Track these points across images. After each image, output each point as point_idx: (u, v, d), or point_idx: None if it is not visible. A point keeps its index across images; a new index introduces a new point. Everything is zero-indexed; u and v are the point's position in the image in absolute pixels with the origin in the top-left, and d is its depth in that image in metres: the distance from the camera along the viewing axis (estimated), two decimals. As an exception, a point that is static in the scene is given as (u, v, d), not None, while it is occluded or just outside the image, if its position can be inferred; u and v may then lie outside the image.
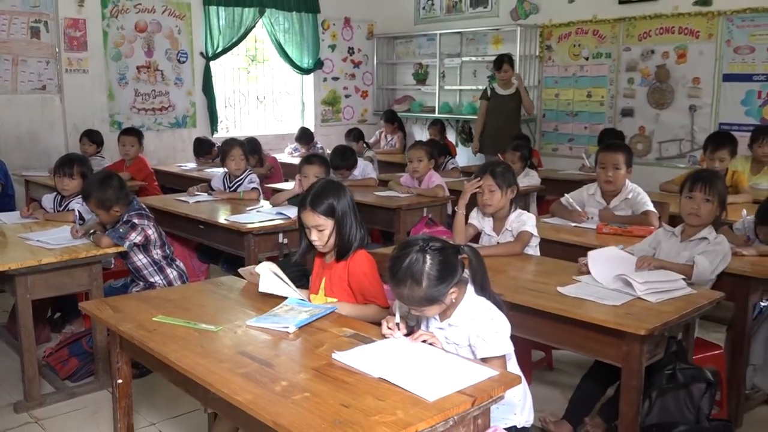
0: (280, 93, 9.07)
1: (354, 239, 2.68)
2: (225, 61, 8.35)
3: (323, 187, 2.69)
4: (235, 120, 8.70)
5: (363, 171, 5.75)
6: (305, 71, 8.89)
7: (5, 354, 4.09)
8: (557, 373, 3.81)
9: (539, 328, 2.73)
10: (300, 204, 2.70)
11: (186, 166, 7.06)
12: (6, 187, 5.69)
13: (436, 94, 8.76)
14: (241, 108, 8.77)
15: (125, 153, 6.12)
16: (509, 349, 2.21)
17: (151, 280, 3.79)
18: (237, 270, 3.03)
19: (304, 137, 7.95)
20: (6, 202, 5.53)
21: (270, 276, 2.66)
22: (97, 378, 3.65)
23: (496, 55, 7.18)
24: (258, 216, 4.28)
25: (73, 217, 3.88)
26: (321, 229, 2.65)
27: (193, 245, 4.96)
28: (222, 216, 4.37)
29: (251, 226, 4.07)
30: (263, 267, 2.69)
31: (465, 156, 8.36)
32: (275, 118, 9.04)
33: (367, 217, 4.93)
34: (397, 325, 2.20)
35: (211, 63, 8.03)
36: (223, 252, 4.67)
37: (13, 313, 3.91)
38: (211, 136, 7.86)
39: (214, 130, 8.11)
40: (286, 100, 9.13)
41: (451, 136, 8.71)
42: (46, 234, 3.77)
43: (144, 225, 3.69)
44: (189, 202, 4.87)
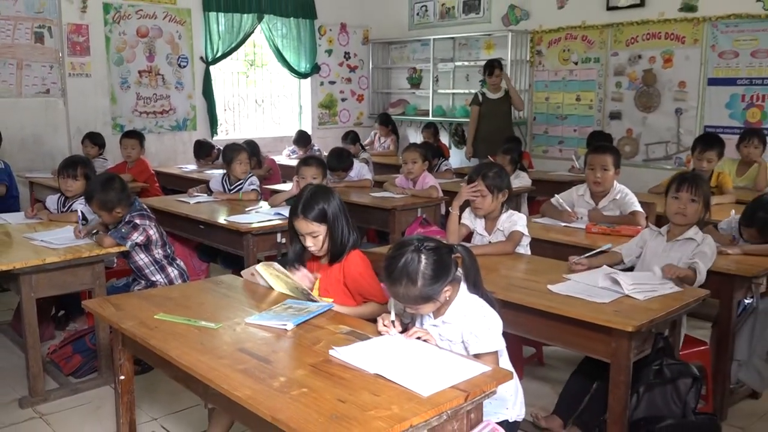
0: (278, 96, 9.06)
1: (347, 240, 2.68)
2: (224, 66, 8.34)
3: (312, 194, 2.67)
4: (235, 123, 8.69)
5: (359, 172, 5.75)
6: (302, 75, 8.89)
7: (10, 351, 4.08)
8: (548, 369, 3.81)
9: (530, 325, 2.73)
10: (291, 213, 2.69)
11: (186, 167, 7.05)
12: (11, 188, 5.67)
13: (429, 97, 8.77)
14: (240, 111, 8.76)
15: (127, 155, 6.11)
16: (501, 346, 2.21)
17: (153, 278, 3.79)
18: (235, 266, 3.03)
19: (301, 140, 7.95)
20: (11, 203, 5.52)
21: (271, 274, 2.65)
22: (100, 374, 3.64)
23: (487, 60, 7.17)
24: (256, 216, 4.27)
25: (77, 218, 3.87)
26: (315, 235, 2.65)
27: (194, 245, 4.95)
28: (221, 216, 4.36)
29: (250, 226, 4.07)
30: (262, 267, 2.68)
31: (458, 158, 8.36)
32: (273, 121, 9.03)
33: (363, 218, 4.95)
34: (393, 323, 2.20)
35: (211, 67, 8.03)
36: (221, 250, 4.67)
37: (18, 311, 3.91)
38: (211, 138, 7.87)
39: (213, 132, 8.11)
40: (284, 103, 9.12)
41: (445, 138, 8.70)
42: (50, 234, 3.76)
43: (146, 225, 3.69)
44: (189, 202, 4.86)
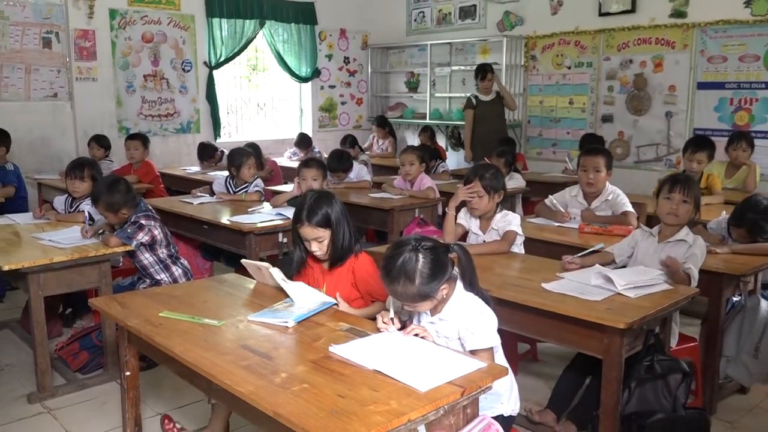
0: (279, 100, 9.05)
1: (351, 243, 2.68)
2: (227, 70, 8.33)
3: (316, 200, 2.65)
4: (237, 126, 8.68)
5: (358, 174, 5.76)
6: (303, 79, 8.88)
7: (19, 348, 4.08)
8: (542, 365, 3.81)
9: (525, 322, 2.73)
10: (296, 219, 2.67)
11: (190, 169, 7.04)
12: (19, 190, 5.66)
13: (427, 101, 8.76)
14: (243, 114, 8.75)
15: (131, 156, 6.10)
16: (496, 342, 2.21)
17: (158, 277, 3.78)
18: (237, 265, 3.01)
19: (302, 142, 7.94)
20: (19, 203, 5.51)
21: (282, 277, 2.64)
22: (107, 370, 3.63)
23: (479, 65, 7.14)
24: (259, 217, 4.26)
25: (83, 218, 3.87)
26: (321, 240, 2.64)
27: (197, 244, 4.94)
28: (225, 216, 4.35)
29: (253, 226, 4.06)
30: (276, 270, 2.65)
31: (454, 159, 8.37)
32: (275, 123, 9.02)
33: (362, 218, 4.95)
34: (391, 320, 2.21)
35: (214, 72, 8.02)
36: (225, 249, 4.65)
37: (27, 309, 3.90)
38: (214, 141, 7.84)
39: (217, 135, 8.09)
40: (285, 106, 9.12)
41: (442, 140, 8.70)
42: (57, 234, 3.75)
43: (151, 225, 3.68)
44: (193, 203, 4.85)
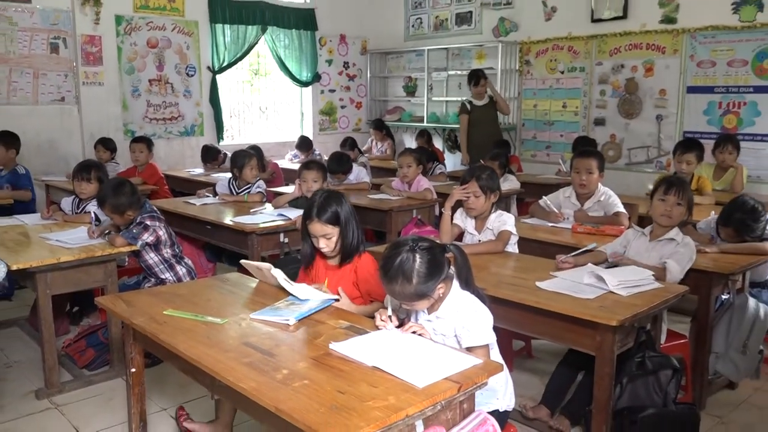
0: (280, 104, 9.04)
1: (359, 242, 2.69)
2: (230, 75, 8.32)
3: (326, 198, 2.66)
4: (240, 129, 8.66)
5: (357, 176, 5.76)
6: (304, 84, 8.87)
7: (27, 345, 4.07)
8: (536, 361, 3.80)
9: (519, 319, 2.73)
10: (306, 216, 2.68)
11: (194, 171, 7.04)
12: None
13: (424, 105, 8.76)
14: (245, 118, 8.73)
15: (135, 159, 6.10)
16: (492, 339, 2.21)
17: (162, 276, 3.78)
18: (239, 265, 3.00)
19: (303, 145, 7.93)
20: (28, 205, 5.49)
21: (284, 278, 2.64)
22: (112, 367, 3.63)
23: (471, 71, 7.11)
24: (261, 217, 4.26)
25: (90, 219, 3.86)
26: (329, 237, 2.64)
27: (201, 244, 4.94)
28: (227, 217, 4.35)
29: (255, 226, 4.06)
30: (278, 272, 2.65)
31: (451, 162, 8.36)
32: (276, 127, 9.01)
33: (361, 218, 4.85)
34: (389, 318, 2.20)
35: (217, 76, 8.01)
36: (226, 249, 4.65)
37: (35, 308, 3.89)
38: (217, 144, 7.84)
39: (220, 138, 8.08)
40: (286, 110, 9.10)
41: (439, 143, 8.71)
42: (64, 234, 3.75)
43: (155, 226, 3.68)
44: (196, 204, 4.84)
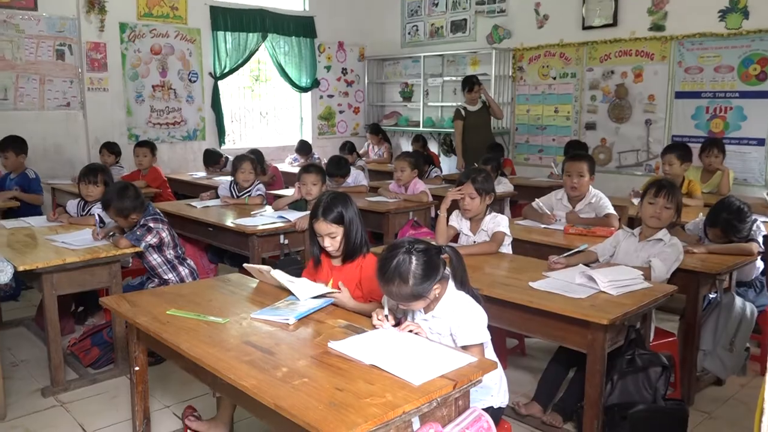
0: (280, 109, 9.03)
1: (363, 243, 2.68)
2: (231, 81, 8.31)
3: (332, 199, 2.66)
4: (241, 133, 8.66)
5: (355, 179, 5.76)
6: (303, 89, 8.87)
7: (33, 344, 4.07)
8: (529, 359, 3.81)
9: (513, 318, 2.73)
10: (312, 215, 2.68)
11: (196, 174, 7.03)
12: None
13: (420, 110, 8.76)
14: (246, 122, 8.73)
15: (139, 162, 6.10)
16: (486, 338, 2.21)
17: (165, 277, 3.77)
18: (241, 264, 3.00)
19: (302, 149, 7.94)
20: (34, 207, 5.49)
21: (285, 276, 2.64)
22: (117, 365, 3.62)
23: (465, 77, 7.11)
24: (261, 219, 4.26)
25: (95, 221, 3.86)
26: (333, 236, 2.64)
27: (204, 246, 4.93)
28: (229, 219, 4.35)
29: (255, 228, 4.06)
30: (278, 273, 2.65)
31: (446, 165, 8.37)
32: (276, 131, 9.00)
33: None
34: (386, 317, 2.20)
35: (219, 82, 8.00)
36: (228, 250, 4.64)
37: (41, 308, 3.89)
38: (219, 148, 7.84)
39: (221, 142, 8.08)
40: (286, 115, 9.10)
41: (434, 147, 8.71)
42: (70, 236, 3.75)
43: (159, 228, 3.68)
44: (198, 207, 4.84)
